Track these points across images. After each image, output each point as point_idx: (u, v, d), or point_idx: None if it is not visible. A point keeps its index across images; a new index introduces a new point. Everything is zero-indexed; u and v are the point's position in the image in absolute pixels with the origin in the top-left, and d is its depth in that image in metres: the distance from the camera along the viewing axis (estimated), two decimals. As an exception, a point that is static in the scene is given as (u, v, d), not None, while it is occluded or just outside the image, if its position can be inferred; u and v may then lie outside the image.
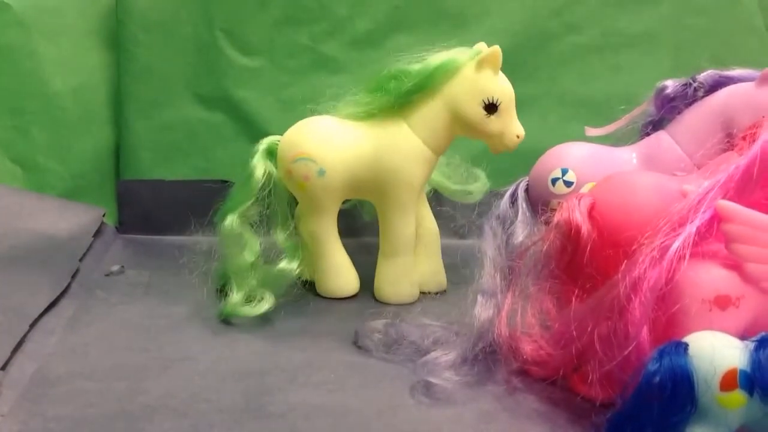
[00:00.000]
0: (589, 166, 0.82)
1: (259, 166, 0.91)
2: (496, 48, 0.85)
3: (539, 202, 0.82)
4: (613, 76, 1.14)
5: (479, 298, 0.76)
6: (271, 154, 0.93)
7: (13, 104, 1.09)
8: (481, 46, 0.87)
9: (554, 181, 0.82)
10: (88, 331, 0.83)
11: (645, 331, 0.64)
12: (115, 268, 0.98)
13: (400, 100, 0.88)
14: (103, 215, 1.09)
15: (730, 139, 0.76)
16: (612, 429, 0.62)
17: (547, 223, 0.74)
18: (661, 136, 0.83)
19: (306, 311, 0.90)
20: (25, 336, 0.78)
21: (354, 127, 0.90)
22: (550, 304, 0.74)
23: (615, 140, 0.90)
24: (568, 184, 0.82)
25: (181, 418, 0.68)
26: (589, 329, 0.67)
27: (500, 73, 0.86)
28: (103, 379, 0.73)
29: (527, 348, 0.73)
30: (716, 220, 0.64)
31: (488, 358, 0.75)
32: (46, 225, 1.00)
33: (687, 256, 0.63)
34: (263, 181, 0.90)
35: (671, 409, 0.59)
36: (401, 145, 0.88)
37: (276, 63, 1.11)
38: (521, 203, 0.83)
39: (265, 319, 0.87)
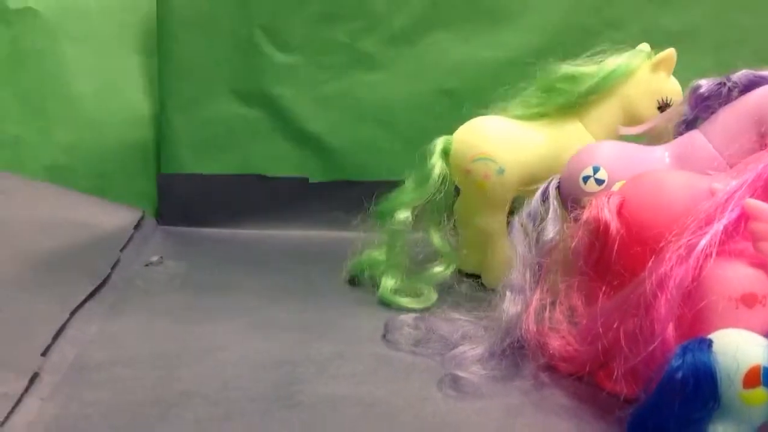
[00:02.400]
0: (621, 164, 0.82)
1: (438, 165, 0.93)
2: (672, 51, 0.90)
3: (570, 200, 0.82)
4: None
5: (508, 293, 0.77)
6: (446, 153, 0.95)
7: (37, 106, 1.13)
8: (646, 47, 0.92)
9: (585, 179, 0.82)
10: (127, 319, 0.86)
11: (671, 328, 0.64)
12: (155, 258, 1.01)
13: (578, 100, 0.92)
14: (142, 216, 1.12)
15: (761, 138, 0.76)
16: (635, 423, 0.62)
17: (576, 220, 0.75)
18: (695, 136, 0.82)
19: (337, 303, 0.91)
20: (65, 324, 0.80)
21: (527, 127, 0.94)
22: (578, 301, 0.74)
23: (650, 139, 0.90)
24: (599, 182, 0.82)
25: (213, 406, 0.69)
26: (615, 326, 0.67)
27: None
28: (140, 367, 0.76)
29: (555, 344, 0.73)
30: (744, 218, 0.64)
31: (516, 353, 0.76)
32: (88, 217, 1.03)
33: (714, 254, 0.63)
34: (440, 180, 0.93)
35: (694, 405, 0.59)
36: (578, 144, 0.91)
37: (313, 60, 1.13)
38: (552, 201, 0.83)
39: (296, 311, 0.89)
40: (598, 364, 0.70)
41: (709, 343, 0.60)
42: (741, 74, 0.82)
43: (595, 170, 0.82)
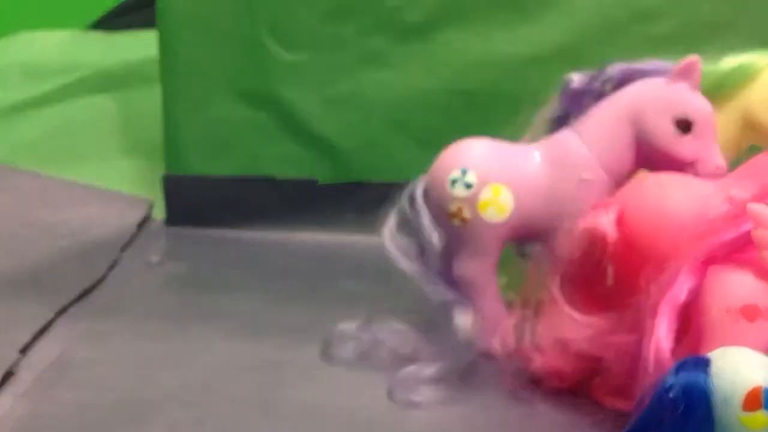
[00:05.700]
0: (491, 165, 0.76)
1: None
2: None
3: (438, 205, 0.76)
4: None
5: (454, 312, 0.72)
6: None
7: None
8: None
9: (453, 182, 0.76)
10: (118, 319, 0.85)
11: (669, 343, 0.60)
12: (155, 259, 0.99)
13: None
14: (151, 206, 1.11)
15: (638, 141, 0.73)
16: (627, 441, 0.59)
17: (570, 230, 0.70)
18: (569, 136, 0.76)
19: (337, 306, 0.87)
20: (51, 322, 0.80)
21: None
22: (568, 314, 0.70)
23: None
24: (468, 186, 0.75)
25: (188, 409, 0.68)
26: (609, 340, 0.64)
27: None
28: (121, 367, 0.75)
29: (539, 360, 0.69)
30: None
31: (481, 368, 0.73)
32: (92, 216, 1.03)
33: (715, 265, 0.60)
34: None
35: (685, 426, 0.55)
36: None
37: (321, 59, 1.10)
38: (421, 208, 0.76)
39: (293, 314, 0.86)
40: (590, 380, 0.68)
41: (707, 362, 0.56)
42: (615, 67, 0.76)
43: (464, 173, 0.76)
